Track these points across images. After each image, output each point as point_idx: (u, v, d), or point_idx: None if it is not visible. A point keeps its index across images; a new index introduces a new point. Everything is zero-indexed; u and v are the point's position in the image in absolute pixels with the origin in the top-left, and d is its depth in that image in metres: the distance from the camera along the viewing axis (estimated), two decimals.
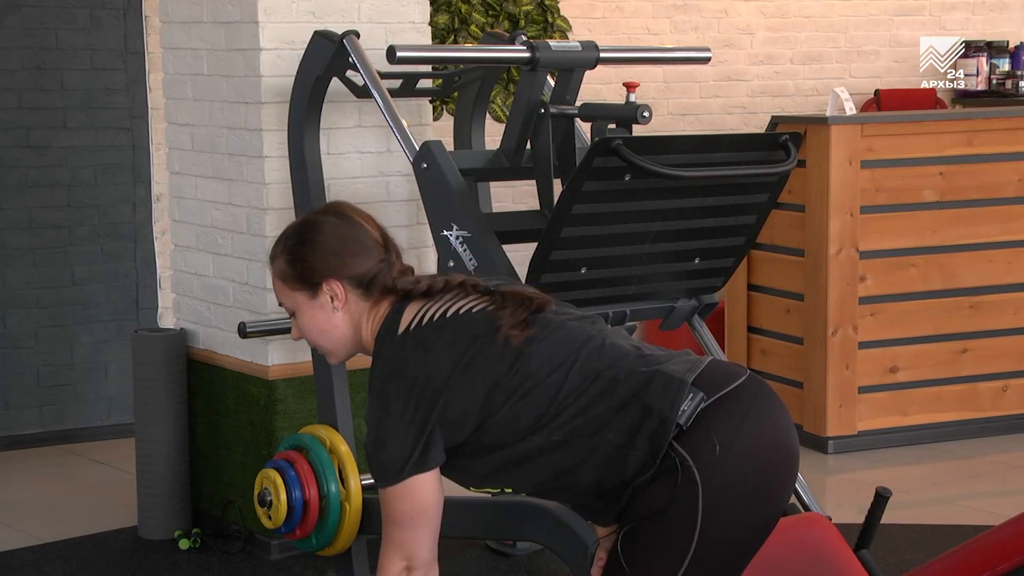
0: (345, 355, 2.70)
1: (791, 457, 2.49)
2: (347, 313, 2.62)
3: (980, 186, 5.92)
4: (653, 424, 2.40)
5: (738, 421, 2.42)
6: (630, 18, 7.98)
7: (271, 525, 4.08)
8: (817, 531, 3.27)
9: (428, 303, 2.56)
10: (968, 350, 5.97)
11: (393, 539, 2.51)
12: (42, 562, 4.63)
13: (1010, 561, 2.77)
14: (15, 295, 5.94)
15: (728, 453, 2.38)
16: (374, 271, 2.60)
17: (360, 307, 2.62)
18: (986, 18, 8.98)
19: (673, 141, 3.87)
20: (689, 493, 2.38)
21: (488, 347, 2.48)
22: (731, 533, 2.42)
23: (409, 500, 2.49)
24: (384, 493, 2.50)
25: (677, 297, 4.04)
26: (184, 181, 4.88)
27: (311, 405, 4.53)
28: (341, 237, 2.62)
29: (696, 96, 8.22)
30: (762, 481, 2.42)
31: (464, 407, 2.47)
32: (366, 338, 2.64)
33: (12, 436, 5.93)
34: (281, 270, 2.65)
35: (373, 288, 2.61)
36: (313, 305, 2.63)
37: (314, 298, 2.62)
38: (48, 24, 5.95)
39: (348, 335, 2.64)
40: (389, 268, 2.62)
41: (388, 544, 2.52)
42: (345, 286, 2.60)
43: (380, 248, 2.64)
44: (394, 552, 2.51)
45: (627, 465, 2.42)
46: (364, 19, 4.59)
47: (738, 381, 2.46)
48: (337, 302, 2.61)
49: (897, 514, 4.58)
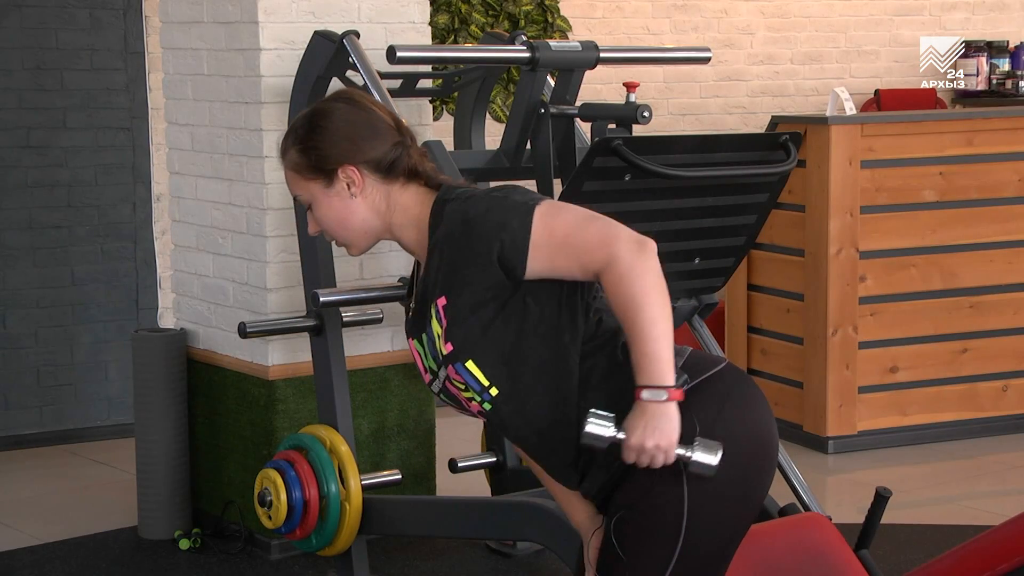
0: (366, 245, 2.63)
1: (772, 438, 2.50)
2: (367, 198, 2.57)
3: (980, 186, 5.92)
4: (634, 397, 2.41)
5: (719, 403, 2.44)
6: (630, 18, 7.98)
7: (271, 525, 4.09)
8: (817, 531, 3.27)
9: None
10: (968, 350, 5.97)
11: (603, 235, 2.42)
12: (42, 562, 4.63)
13: (1010, 561, 2.78)
14: (15, 295, 5.94)
15: (710, 434, 2.40)
16: (392, 155, 2.56)
17: (381, 191, 2.57)
18: (986, 18, 8.98)
19: (673, 141, 3.87)
20: (672, 474, 2.39)
21: None
22: (718, 513, 2.43)
23: (567, 204, 2.48)
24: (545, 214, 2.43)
25: (677, 297, 4.04)
26: (184, 181, 4.88)
27: (311, 405, 4.53)
28: (353, 122, 2.57)
29: (696, 96, 8.22)
30: (744, 462, 2.44)
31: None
32: (400, 220, 2.58)
33: (12, 436, 5.93)
34: (294, 161, 2.59)
35: (395, 171, 2.57)
36: (329, 194, 2.57)
37: (330, 186, 2.56)
38: (48, 24, 5.95)
39: (370, 222, 2.58)
40: (407, 151, 2.58)
41: (609, 244, 2.40)
42: (362, 171, 2.56)
43: (394, 131, 2.59)
44: (616, 243, 2.41)
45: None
46: (364, 19, 4.59)
47: (719, 367, 2.49)
48: (355, 188, 2.56)
49: (897, 514, 4.58)
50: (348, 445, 4.07)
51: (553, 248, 2.43)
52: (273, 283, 4.53)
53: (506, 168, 4.27)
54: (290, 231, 4.45)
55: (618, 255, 2.39)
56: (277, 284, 4.54)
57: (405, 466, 4.63)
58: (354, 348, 4.52)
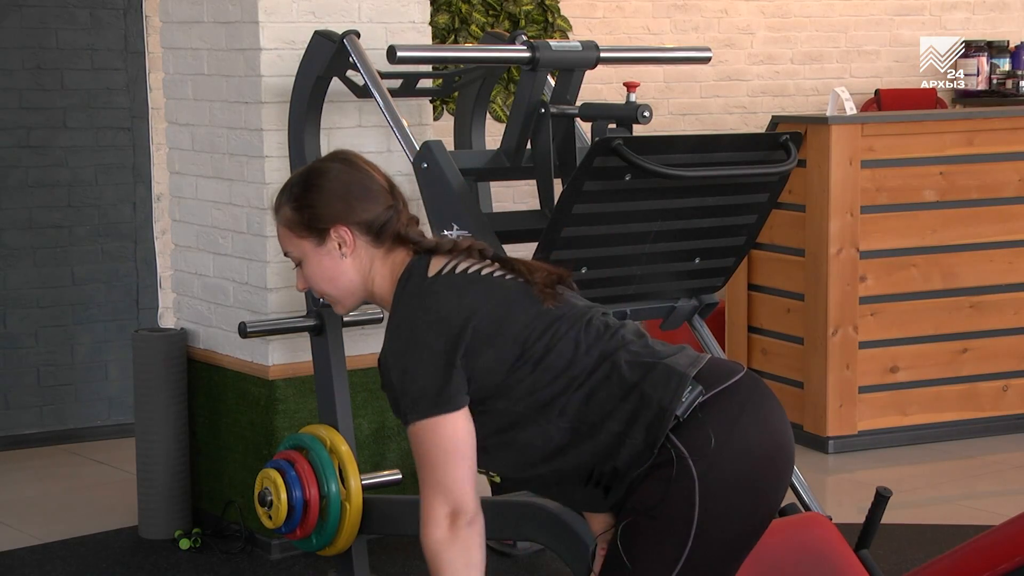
0: (352, 304, 2.66)
1: (787, 454, 2.50)
2: (356, 260, 2.60)
3: (980, 186, 5.92)
4: (651, 414, 2.42)
5: (735, 416, 2.43)
6: (630, 18, 7.99)
7: (271, 525, 4.09)
8: (817, 531, 3.27)
9: (454, 259, 2.55)
10: (968, 350, 5.97)
11: (432, 483, 2.44)
12: (43, 562, 4.63)
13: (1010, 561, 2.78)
14: (15, 295, 5.94)
15: (724, 447, 2.40)
16: (383, 217, 2.59)
17: (370, 254, 2.60)
18: (986, 18, 8.98)
19: (673, 141, 3.87)
20: (685, 486, 2.39)
21: (521, 310, 2.49)
22: (727, 527, 2.43)
23: (444, 436, 2.43)
24: (417, 431, 2.44)
25: (677, 297, 4.04)
26: (184, 181, 4.88)
27: (311, 405, 4.53)
28: (347, 183, 2.60)
29: (696, 96, 8.22)
30: (758, 476, 2.43)
31: (490, 362, 2.45)
32: (379, 286, 2.61)
33: (12, 436, 5.93)
34: (287, 218, 2.62)
35: (384, 235, 2.59)
36: (320, 252, 2.60)
37: (321, 245, 2.59)
38: (48, 24, 5.95)
39: (357, 282, 2.61)
40: (397, 215, 2.61)
41: (428, 490, 2.44)
42: (354, 232, 2.58)
43: (387, 195, 2.62)
44: (435, 496, 2.44)
45: (621, 453, 2.43)
46: (364, 19, 4.59)
47: (736, 377, 2.48)
48: (346, 248, 2.59)
49: (897, 514, 4.58)
50: (348, 445, 4.07)
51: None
52: (273, 283, 4.53)
53: (506, 168, 4.27)
54: None
55: (427, 528, 2.44)
56: (277, 284, 4.54)
57: (405, 466, 4.63)
58: (354, 348, 4.52)
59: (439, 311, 2.46)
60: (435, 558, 2.44)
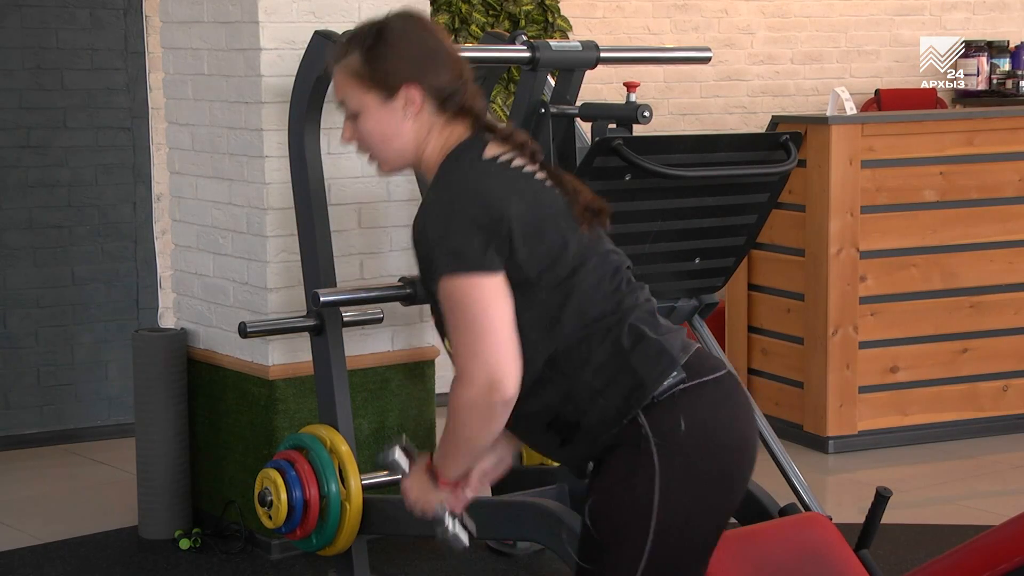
0: (397, 167, 2.57)
1: (751, 457, 2.51)
2: (417, 123, 2.51)
3: (980, 186, 5.92)
4: (631, 384, 2.42)
5: (709, 409, 2.45)
6: (630, 18, 7.99)
7: (271, 525, 4.09)
8: (817, 531, 3.27)
9: (510, 151, 2.49)
10: (968, 350, 5.97)
11: (469, 350, 2.35)
12: (42, 562, 4.62)
13: (1010, 561, 2.78)
14: (15, 295, 5.94)
15: (691, 437, 2.41)
16: (454, 85, 2.51)
17: (431, 121, 2.52)
18: (986, 18, 8.98)
19: (673, 141, 3.88)
20: (647, 465, 2.40)
21: (560, 225, 2.46)
22: (688, 515, 2.43)
23: (482, 297, 2.36)
24: (453, 287, 2.36)
25: (677, 297, 4.04)
26: (184, 181, 4.88)
27: (311, 405, 4.53)
28: (424, 43, 2.52)
29: (696, 96, 8.22)
30: (720, 471, 2.45)
31: (519, 260, 2.41)
32: (430, 154, 2.53)
33: (12, 436, 5.93)
34: (354, 68, 2.52)
35: (449, 104, 2.51)
36: (384, 109, 2.51)
37: (387, 101, 2.50)
38: (48, 24, 5.95)
39: (411, 147, 2.53)
40: (465, 86, 2.53)
41: (466, 356, 2.35)
42: (424, 94, 2.50)
43: (459, 63, 2.54)
44: (472, 361, 2.35)
45: (590, 411, 2.43)
46: (364, 19, 4.58)
47: (719, 373, 2.49)
48: (411, 109, 2.50)
49: (897, 514, 4.58)
50: (348, 445, 4.07)
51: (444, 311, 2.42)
52: (273, 283, 4.53)
53: None
54: (290, 231, 4.45)
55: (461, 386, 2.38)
56: (277, 284, 4.54)
57: None
58: (354, 348, 4.52)
59: (487, 194, 2.41)
60: (457, 414, 2.39)
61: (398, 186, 4.71)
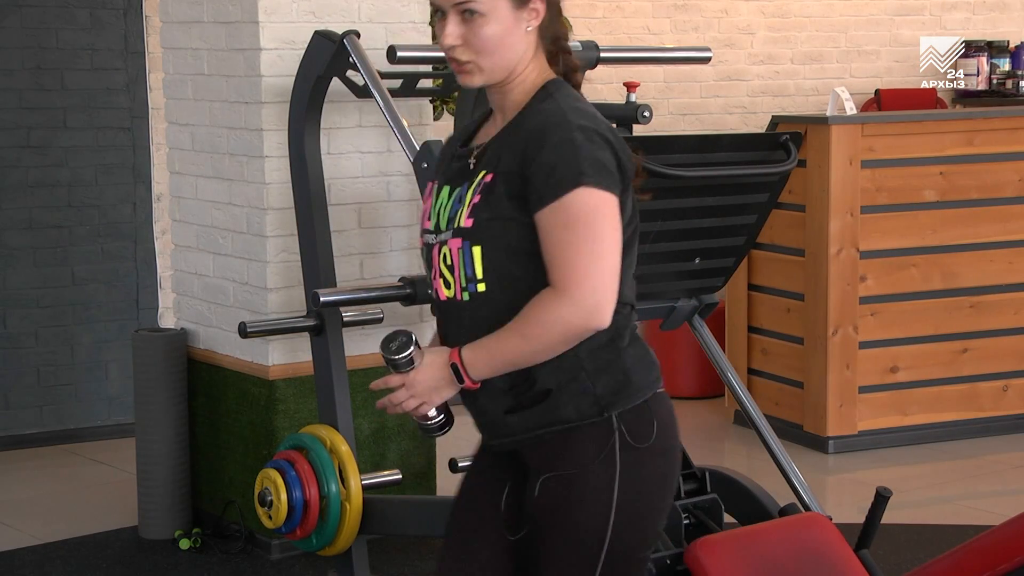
0: (490, 79, 2.49)
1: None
2: (528, 40, 2.48)
3: (980, 186, 5.92)
4: (619, 382, 2.42)
5: (669, 414, 2.48)
6: (630, 18, 7.99)
7: (271, 525, 4.09)
8: (817, 531, 3.27)
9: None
10: (968, 350, 5.97)
11: (584, 269, 2.32)
12: (42, 562, 4.63)
13: (1010, 561, 2.78)
14: (15, 295, 5.94)
15: (658, 441, 2.43)
16: (559, 14, 2.53)
17: (535, 41, 2.49)
18: (986, 18, 8.98)
19: (673, 141, 3.87)
20: (609, 463, 2.40)
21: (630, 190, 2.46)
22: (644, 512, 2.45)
23: (613, 215, 2.34)
24: (583, 200, 2.32)
25: (677, 297, 4.04)
26: (184, 181, 4.88)
27: (311, 405, 4.53)
28: None
29: (696, 96, 8.22)
30: (671, 472, 2.48)
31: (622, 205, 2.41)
32: (523, 74, 2.48)
33: (12, 436, 5.93)
34: None
35: (549, 32, 2.50)
36: (511, 17, 2.45)
37: (518, 10, 2.46)
38: (48, 24, 5.95)
39: (514, 61, 2.47)
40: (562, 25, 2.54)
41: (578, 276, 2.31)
42: (546, 12, 2.49)
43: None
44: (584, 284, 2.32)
45: (568, 385, 2.41)
46: (364, 19, 4.59)
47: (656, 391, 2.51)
48: (534, 23, 2.47)
49: (897, 514, 4.58)
50: (348, 445, 4.07)
51: (555, 226, 2.35)
52: (273, 283, 4.53)
53: None
54: (290, 231, 4.45)
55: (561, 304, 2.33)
56: (277, 284, 4.54)
57: (405, 466, 4.63)
58: (354, 348, 4.52)
59: (606, 131, 2.41)
60: (543, 327, 2.34)
61: (398, 186, 4.71)
